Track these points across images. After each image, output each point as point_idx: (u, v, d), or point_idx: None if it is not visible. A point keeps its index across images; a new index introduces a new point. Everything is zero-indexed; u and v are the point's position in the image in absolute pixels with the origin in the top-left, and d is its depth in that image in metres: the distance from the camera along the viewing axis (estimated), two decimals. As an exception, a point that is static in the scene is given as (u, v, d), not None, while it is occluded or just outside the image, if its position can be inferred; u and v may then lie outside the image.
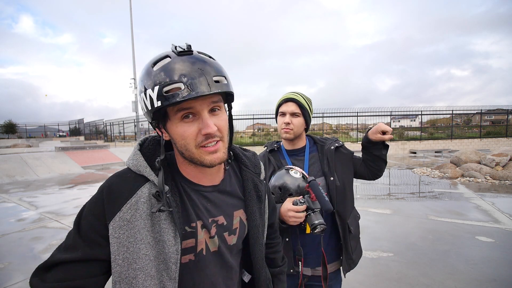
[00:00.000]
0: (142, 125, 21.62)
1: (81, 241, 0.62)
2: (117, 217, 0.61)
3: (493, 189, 6.61)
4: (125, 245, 0.61)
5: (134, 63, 20.89)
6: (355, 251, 1.40)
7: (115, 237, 0.60)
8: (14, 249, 3.59)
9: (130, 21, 20.47)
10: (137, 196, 0.63)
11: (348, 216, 1.35)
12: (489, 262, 2.98)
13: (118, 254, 0.61)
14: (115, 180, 0.66)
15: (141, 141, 0.73)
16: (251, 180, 0.81)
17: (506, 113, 19.37)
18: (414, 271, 2.83)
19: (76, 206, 5.74)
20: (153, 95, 0.59)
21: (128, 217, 0.61)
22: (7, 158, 10.19)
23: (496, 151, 9.21)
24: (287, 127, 1.36)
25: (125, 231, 0.61)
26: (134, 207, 0.62)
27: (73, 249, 0.61)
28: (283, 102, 1.39)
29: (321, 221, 1.07)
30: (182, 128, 0.63)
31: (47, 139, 35.27)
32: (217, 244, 0.73)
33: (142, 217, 0.62)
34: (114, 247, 0.60)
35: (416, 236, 3.76)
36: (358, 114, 18.30)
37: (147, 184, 0.65)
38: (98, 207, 0.63)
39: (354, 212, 1.44)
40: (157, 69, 0.61)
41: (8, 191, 7.38)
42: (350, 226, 1.35)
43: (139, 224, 0.62)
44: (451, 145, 17.57)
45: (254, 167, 0.84)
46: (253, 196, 0.80)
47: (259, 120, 18.55)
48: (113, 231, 0.61)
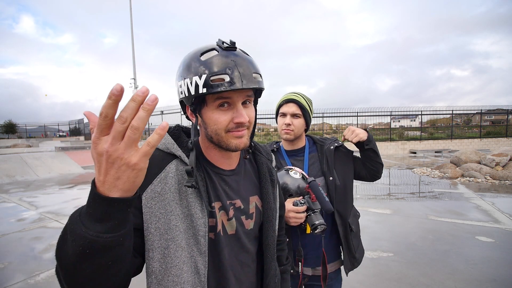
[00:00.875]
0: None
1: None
2: (149, 189, 0.65)
3: (493, 189, 6.62)
4: (156, 215, 0.65)
5: (134, 63, 20.90)
6: (358, 249, 1.40)
7: (147, 207, 0.64)
8: (14, 249, 3.59)
9: (130, 22, 20.47)
10: (166, 171, 0.68)
11: (348, 215, 1.36)
12: (489, 262, 2.98)
13: (150, 223, 0.64)
14: None
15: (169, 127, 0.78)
16: (266, 165, 0.87)
17: (506, 113, 19.37)
18: (414, 271, 2.83)
19: (76, 206, 5.74)
20: (199, 82, 0.65)
21: (158, 190, 0.66)
22: (7, 158, 10.19)
23: (496, 151, 9.21)
24: (287, 128, 1.35)
25: (156, 202, 0.65)
26: (164, 181, 0.67)
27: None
28: (283, 103, 1.38)
29: (321, 221, 1.08)
30: (217, 114, 0.69)
31: (47, 139, 35.27)
32: (234, 227, 0.77)
33: (171, 190, 0.67)
34: (146, 216, 0.64)
35: (416, 236, 3.76)
36: (358, 114, 18.31)
37: (174, 161, 0.71)
38: None
39: (354, 210, 1.45)
40: (205, 59, 0.66)
41: (8, 191, 7.38)
42: (351, 225, 1.35)
43: (168, 196, 0.66)
44: (451, 145, 17.57)
45: (267, 154, 0.91)
46: (267, 179, 0.85)
47: (259, 120, 18.52)
48: (145, 201, 0.64)
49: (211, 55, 0.66)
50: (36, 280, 2.81)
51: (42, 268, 3.05)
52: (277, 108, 1.43)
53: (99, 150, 0.44)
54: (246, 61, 0.67)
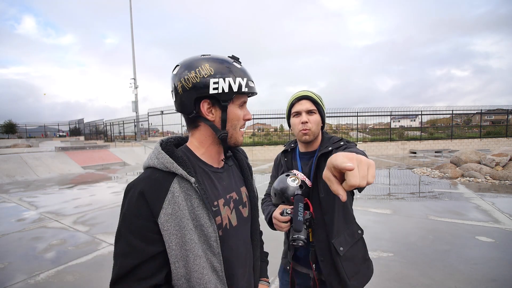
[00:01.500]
0: (142, 125, 21.62)
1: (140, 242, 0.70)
2: (162, 214, 0.71)
3: (493, 189, 6.61)
4: (173, 234, 0.71)
5: (134, 64, 20.90)
6: (356, 275, 1.19)
7: (165, 230, 0.71)
8: (14, 249, 3.59)
9: (130, 22, 20.48)
10: (171, 192, 0.73)
11: (333, 234, 1.16)
12: (489, 262, 2.98)
13: (171, 242, 0.71)
14: (146, 183, 0.74)
15: (160, 142, 0.84)
16: (244, 160, 1.01)
17: (506, 113, 19.36)
18: (414, 271, 2.83)
19: (76, 206, 5.74)
20: (242, 82, 0.80)
21: (170, 211, 0.72)
22: (7, 158, 10.19)
23: (496, 151, 9.21)
24: (304, 128, 1.22)
25: (171, 223, 0.71)
26: (172, 201, 0.72)
27: (136, 253, 0.69)
28: (295, 101, 1.26)
29: (298, 237, 1.01)
30: (240, 111, 0.84)
31: (47, 139, 35.26)
32: (235, 218, 0.87)
33: (181, 208, 0.73)
34: (166, 237, 0.71)
35: (416, 236, 3.76)
36: (358, 114, 18.30)
37: (176, 179, 0.75)
38: (144, 210, 0.71)
39: (352, 228, 1.24)
40: (241, 67, 0.82)
41: (8, 191, 7.38)
42: (338, 246, 1.15)
43: (180, 214, 0.72)
44: (451, 145, 17.57)
45: (242, 152, 1.05)
46: (248, 172, 1.00)
47: (259, 120, 18.55)
48: (162, 226, 0.71)
49: (240, 65, 0.82)
50: (36, 280, 2.81)
51: (42, 268, 3.05)
52: (289, 108, 1.30)
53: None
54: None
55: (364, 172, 0.59)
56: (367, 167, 0.61)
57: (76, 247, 3.64)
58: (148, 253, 0.70)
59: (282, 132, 19.21)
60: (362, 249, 1.26)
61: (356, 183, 0.57)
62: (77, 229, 4.31)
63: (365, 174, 0.59)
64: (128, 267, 0.69)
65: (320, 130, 1.30)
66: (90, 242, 3.79)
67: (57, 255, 3.39)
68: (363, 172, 0.59)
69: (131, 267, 0.69)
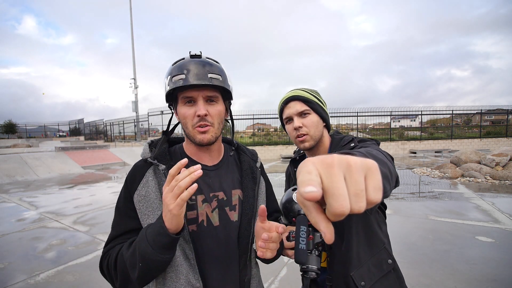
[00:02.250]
0: (142, 125, 21.62)
1: (123, 218, 0.82)
2: (136, 194, 0.80)
3: (493, 189, 6.61)
4: (145, 214, 0.78)
5: (134, 64, 20.90)
6: None
7: (138, 209, 0.79)
8: (14, 249, 3.59)
9: (130, 22, 20.48)
10: (146, 177, 0.82)
11: (353, 264, 0.89)
12: (489, 262, 2.98)
13: (143, 221, 0.79)
14: (132, 168, 0.86)
15: (151, 140, 0.93)
16: (248, 163, 0.96)
17: (506, 113, 19.36)
18: (414, 271, 2.83)
19: (76, 206, 5.74)
20: (166, 82, 0.81)
21: (143, 193, 0.79)
22: (7, 158, 10.19)
23: (496, 151, 9.21)
24: (300, 133, 1.02)
25: (143, 203, 0.79)
26: (146, 185, 0.80)
27: (118, 226, 0.82)
28: (283, 106, 1.06)
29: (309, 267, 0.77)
30: (184, 109, 0.82)
31: (47, 139, 35.26)
32: (217, 218, 0.85)
33: (153, 191, 0.80)
34: (140, 216, 0.79)
35: (416, 236, 3.76)
36: (358, 114, 18.30)
37: (152, 167, 0.83)
38: (125, 190, 0.83)
39: (379, 257, 0.93)
40: (173, 66, 0.82)
41: (8, 191, 7.38)
42: (358, 280, 0.88)
43: (152, 197, 0.79)
44: (451, 145, 17.57)
45: (251, 155, 1.00)
46: (249, 176, 0.92)
47: (259, 120, 18.55)
48: (136, 205, 0.80)
49: (178, 62, 0.81)
50: (36, 280, 2.81)
51: (42, 268, 3.05)
52: (280, 116, 1.11)
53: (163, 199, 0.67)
54: (205, 65, 0.80)
55: (358, 186, 0.32)
56: (363, 173, 0.33)
57: (76, 247, 3.64)
58: (126, 227, 0.80)
59: (282, 132, 19.21)
60: (394, 285, 0.93)
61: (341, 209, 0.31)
62: (77, 229, 4.31)
63: (360, 188, 0.32)
64: (112, 236, 0.82)
65: (325, 131, 1.08)
66: (90, 242, 3.79)
67: (57, 255, 3.39)
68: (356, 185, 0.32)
69: (114, 235, 0.81)
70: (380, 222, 1.01)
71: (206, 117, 0.80)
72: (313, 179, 0.32)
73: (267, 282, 2.72)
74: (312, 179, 0.32)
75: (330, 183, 0.32)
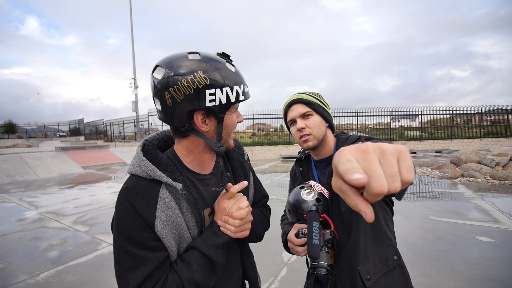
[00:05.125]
0: (142, 125, 21.62)
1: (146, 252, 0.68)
2: (157, 223, 0.68)
3: (493, 189, 6.61)
4: (172, 238, 0.71)
5: (134, 64, 20.91)
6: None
7: (164, 238, 0.69)
8: (14, 249, 3.59)
9: (130, 22, 20.49)
10: (162, 199, 0.70)
11: (360, 258, 0.92)
12: (489, 262, 2.98)
13: (172, 246, 0.71)
14: (133, 192, 0.70)
15: (141, 146, 0.78)
16: (237, 159, 0.93)
17: (506, 113, 19.36)
18: (414, 271, 2.83)
19: (76, 206, 5.74)
20: (240, 90, 0.73)
21: (164, 219, 0.69)
22: (7, 158, 10.19)
23: (496, 151, 9.20)
24: (303, 134, 1.07)
25: (167, 229, 0.70)
26: (165, 208, 0.70)
27: (145, 263, 0.67)
28: (287, 109, 1.13)
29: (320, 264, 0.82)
30: (234, 118, 0.78)
31: (47, 139, 35.26)
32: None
33: (175, 212, 0.71)
34: (166, 244, 0.70)
35: (416, 236, 3.76)
36: (358, 114, 18.30)
37: (163, 185, 0.71)
38: (138, 221, 0.68)
39: (385, 253, 0.97)
40: (235, 71, 0.73)
41: (8, 191, 7.38)
42: (364, 274, 0.91)
43: (175, 219, 0.72)
44: (451, 145, 17.57)
45: (238, 149, 0.96)
46: (240, 173, 0.92)
47: (259, 120, 18.55)
48: (160, 234, 0.69)
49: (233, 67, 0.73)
50: (36, 280, 2.81)
51: (42, 268, 3.05)
52: (285, 119, 1.17)
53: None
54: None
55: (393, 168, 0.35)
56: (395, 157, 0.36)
57: (76, 247, 3.64)
58: (156, 260, 0.69)
59: (282, 132, 19.21)
60: (400, 281, 0.97)
61: (381, 188, 0.33)
62: (77, 229, 4.31)
63: (394, 170, 0.35)
64: (141, 277, 0.66)
65: (328, 131, 1.12)
66: (90, 242, 3.79)
67: (57, 255, 3.39)
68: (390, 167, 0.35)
69: (145, 276, 0.66)
70: (388, 220, 1.03)
71: None
72: (356, 166, 0.34)
73: (267, 282, 2.71)
74: (355, 166, 0.34)
75: (368, 167, 0.35)
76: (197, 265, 0.71)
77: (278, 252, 3.27)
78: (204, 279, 0.71)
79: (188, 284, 0.69)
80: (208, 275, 0.73)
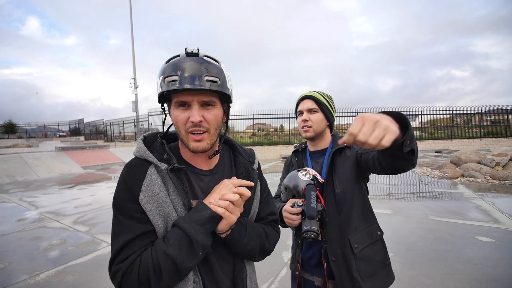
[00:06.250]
0: (142, 125, 21.62)
1: (131, 221, 0.74)
2: (141, 196, 0.73)
3: (493, 189, 6.61)
4: (157, 214, 0.74)
5: (134, 64, 20.90)
6: (371, 278, 1.15)
7: (147, 211, 0.73)
8: (14, 249, 3.59)
9: (130, 23, 20.50)
10: (149, 176, 0.76)
11: (351, 230, 1.15)
12: (489, 262, 2.98)
13: (156, 221, 0.74)
14: (127, 168, 0.79)
15: (144, 136, 0.87)
16: (243, 165, 0.92)
17: (506, 113, 19.36)
18: (414, 271, 2.83)
19: (76, 206, 5.74)
20: (159, 82, 0.75)
21: (149, 193, 0.74)
22: (7, 158, 10.19)
23: (496, 151, 9.20)
24: (305, 125, 1.28)
25: (152, 204, 0.73)
26: (151, 184, 0.74)
27: (127, 231, 0.73)
28: (299, 101, 1.33)
29: (311, 228, 1.00)
30: (177, 113, 0.76)
31: (47, 139, 35.26)
32: None
33: (161, 189, 0.75)
34: (151, 218, 0.73)
35: (416, 236, 3.76)
36: (358, 114, 18.29)
37: (152, 165, 0.78)
38: (127, 193, 0.75)
39: (371, 228, 1.22)
40: (167, 64, 0.75)
41: (8, 191, 7.38)
42: (353, 243, 1.14)
43: (161, 195, 0.74)
44: (451, 145, 17.56)
45: (248, 156, 0.96)
46: (244, 179, 0.87)
47: (259, 120, 18.54)
48: (144, 207, 0.73)
49: (173, 60, 0.74)
50: (36, 280, 2.81)
51: (42, 268, 3.05)
52: (296, 108, 1.37)
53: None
54: (202, 65, 0.73)
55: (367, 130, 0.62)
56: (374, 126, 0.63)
57: (76, 247, 3.64)
58: (138, 230, 0.73)
59: (282, 132, 19.20)
60: (380, 251, 1.22)
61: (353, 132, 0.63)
62: (77, 229, 4.31)
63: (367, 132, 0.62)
64: (123, 242, 0.72)
65: (327, 129, 1.33)
66: (90, 242, 3.79)
67: (57, 255, 3.39)
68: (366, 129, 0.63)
69: (126, 241, 0.72)
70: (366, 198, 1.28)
71: (201, 123, 0.75)
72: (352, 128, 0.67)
73: (267, 282, 2.72)
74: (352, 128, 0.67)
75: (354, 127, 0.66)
76: (174, 239, 0.69)
77: (278, 252, 3.27)
78: (180, 256, 0.68)
79: (162, 256, 0.68)
80: (185, 252, 0.69)
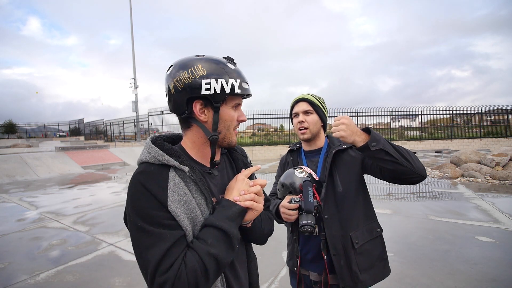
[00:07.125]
0: (142, 125, 21.62)
1: (162, 229, 0.70)
2: (169, 201, 0.72)
3: (493, 189, 6.61)
4: (186, 217, 0.73)
5: (134, 64, 20.91)
6: (369, 270, 1.23)
7: (177, 216, 0.72)
8: (14, 249, 3.59)
9: (130, 22, 20.51)
10: (171, 180, 0.74)
11: (352, 227, 1.22)
12: (489, 262, 2.98)
13: (187, 225, 0.73)
14: (145, 176, 0.74)
15: (151, 138, 0.86)
16: (241, 160, 0.99)
17: (506, 113, 19.36)
18: (414, 271, 2.83)
19: (76, 206, 5.74)
20: (235, 84, 0.79)
21: (176, 198, 0.73)
22: (7, 158, 10.19)
23: (496, 151, 9.20)
24: (301, 126, 1.34)
25: (180, 208, 0.72)
26: (176, 188, 0.74)
27: (162, 240, 0.69)
28: (294, 104, 1.38)
29: (308, 223, 1.05)
30: (233, 112, 0.83)
31: (47, 139, 35.26)
32: None
33: (186, 193, 0.75)
34: (181, 222, 0.72)
35: (416, 236, 3.76)
36: (358, 114, 18.29)
37: (171, 169, 0.77)
38: (151, 201, 0.71)
39: (371, 225, 1.29)
40: (235, 68, 0.81)
41: (8, 191, 7.38)
42: (354, 239, 1.20)
43: (187, 199, 0.74)
44: (451, 145, 17.56)
45: (241, 151, 1.03)
46: None
47: (259, 120, 18.54)
48: (173, 213, 0.71)
49: (235, 66, 0.81)
50: (36, 280, 2.81)
51: (42, 268, 3.05)
52: (290, 112, 1.43)
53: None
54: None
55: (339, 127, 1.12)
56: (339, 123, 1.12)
57: (76, 247, 3.64)
58: (173, 237, 0.70)
59: (282, 132, 19.20)
60: (379, 247, 1.29)
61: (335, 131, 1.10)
62: (77, 229, 4.31)
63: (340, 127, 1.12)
64: (161, 253, 0.67)
65: (321, 130, 1.39)
66: (90, 242, 3.79)
67: (57, 255, 3.39)
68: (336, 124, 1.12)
69: (164, 251, 0.68)
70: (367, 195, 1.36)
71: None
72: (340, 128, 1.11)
73: (267, 282, 2.71)
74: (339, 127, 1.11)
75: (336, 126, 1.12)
76: (212, 239, 0.72)
77: (278, 252, 3.27)
78: (221, 253, 0.71)
79: (206, 257, 0.69)
80: (224, 248, 0.73)
